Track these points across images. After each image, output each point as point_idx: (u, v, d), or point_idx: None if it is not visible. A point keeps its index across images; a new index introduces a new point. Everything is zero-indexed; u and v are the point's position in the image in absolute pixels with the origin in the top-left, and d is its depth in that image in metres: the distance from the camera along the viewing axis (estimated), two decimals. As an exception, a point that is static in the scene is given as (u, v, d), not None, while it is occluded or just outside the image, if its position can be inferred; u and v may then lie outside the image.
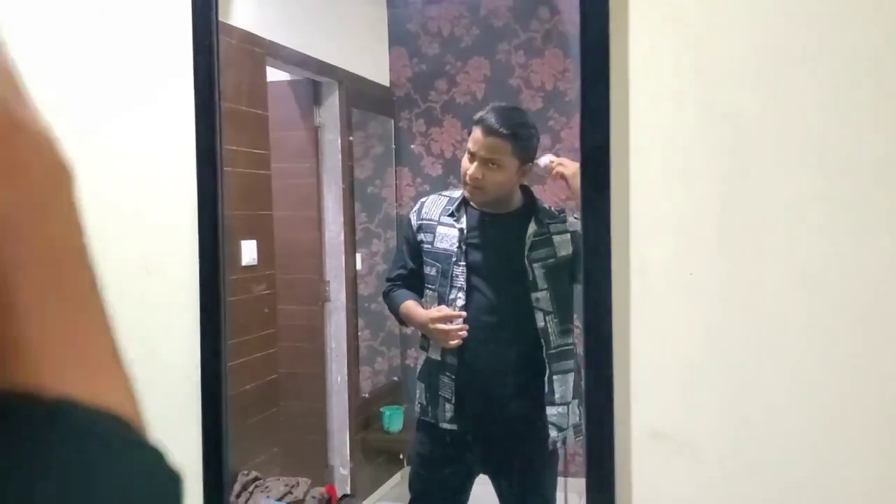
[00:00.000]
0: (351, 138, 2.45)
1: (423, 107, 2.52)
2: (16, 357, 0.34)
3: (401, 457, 2.43)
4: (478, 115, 1.79)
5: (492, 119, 1.74)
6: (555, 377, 1.68)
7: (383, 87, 2.55)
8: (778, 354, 1.11)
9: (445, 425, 1.77)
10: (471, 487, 1.81)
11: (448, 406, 1.76)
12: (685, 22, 1.13)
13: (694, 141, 1.13)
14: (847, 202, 1.09)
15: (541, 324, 1.70)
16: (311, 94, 2.44)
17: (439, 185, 2.40)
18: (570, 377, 1.71)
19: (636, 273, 1.14)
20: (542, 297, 1.70)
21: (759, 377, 1.11)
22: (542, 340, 1.70)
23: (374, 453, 2.46)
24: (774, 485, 1.12)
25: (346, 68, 2.39)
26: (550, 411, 1.70)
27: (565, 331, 1.71)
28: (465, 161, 1.77)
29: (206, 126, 1.21)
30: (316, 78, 2.39)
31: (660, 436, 1.12)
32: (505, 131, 1.72)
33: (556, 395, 1.69)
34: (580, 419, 1.64)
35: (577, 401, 1.70)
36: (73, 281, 0.36)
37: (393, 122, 2.57)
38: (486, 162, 1.72)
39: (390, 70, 2.56)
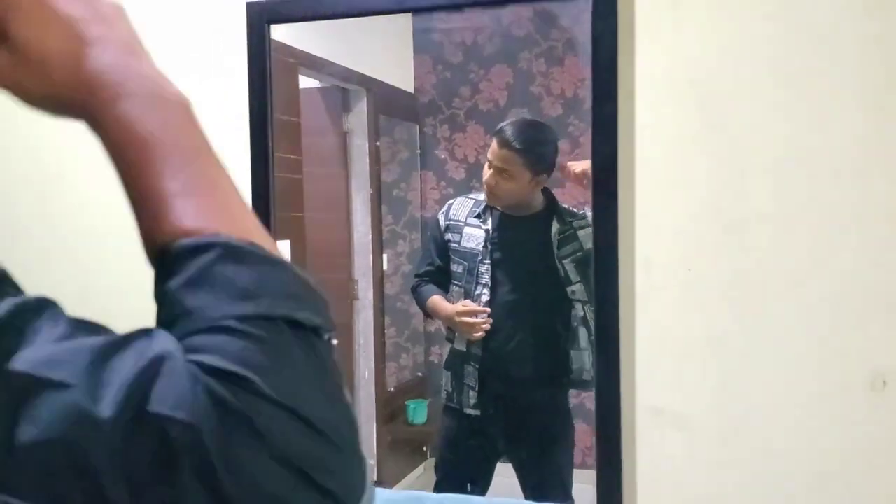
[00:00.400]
0: (378, 143, 2.55)
1: (448, 113, 2.62)
2: (167, 205, 0.45)
3: (424, 449, 2.55)
4: (499, 126, 1.95)
5: (508, 132, 1.90)
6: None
7: (408, 93, 2.65)
8: (765, 340, 1.25)
9: (469, 411, 1.93)
10: (493, 470, 1.96)
11: (472, 393, 1.92)
12: (686, 44, 1.27)
13: (693, 150, 1.27)
14: (828, 205, 1.23)
15: (580, 314, 1.84)
16: (339, 101, 2.55)
17: (462, 189, 2.49)
18: None
19: (641, 269, 1.28)
20: (577, 289, 1.83)
21: (748, 360, 1.25)
22: (585, 329, 1.84)
23: (400, 445, 2.58)
24: (761, 456, 1.26)
25: (374, 76, 2.49)
26: None
27: None
28: (486, 167, 1.94)
29: (259, 137, 1.38)
30: (345, 86, 2.50)
31: (660, 412, 1.27)
32: (517, 146, 1.88)
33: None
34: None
35: None
36: (205, 150, 0.48)
37: (418, 127, 2.67)
38: (499, 171, 1.89)
39: (415, 77, 2.65)
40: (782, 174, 1.24)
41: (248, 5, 1.38)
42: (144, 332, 0.42)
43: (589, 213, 1.86)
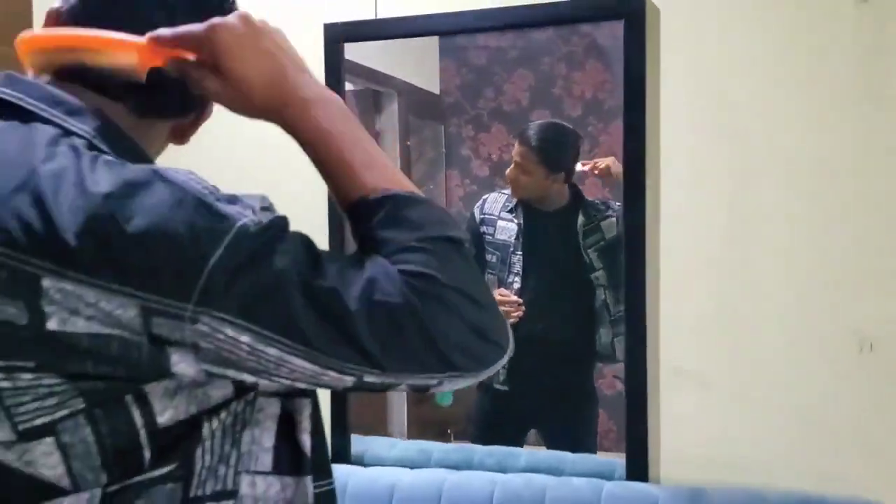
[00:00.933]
0: (409, 143, 2.70)
1: (472, 113, 2.73)
2: (352, 175, 0.67)
3: (448, 431, 2.74)
4: (524, 126, 2.23)
5: (529, 132, 2.17)
6: (615, 339, 2.06)
7: (434, 94, 2.77)
8: (769, 311, 1.51)
9: (499, 386, 2.17)
10: (524, 440, 2.21)
11: (502, 370, 2.17)
12: (704, 60, 1.52)
13: (708, 154, 1.52)
14: (826, 200, 1.48)
15: (602, 297, 2.09)
16: (372, 103, 2.70)
17: (486, 186, 2.57)
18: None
19: (664, 252, 1.54)
20: (600, 275, 2.06)
21: (755, 328, 1.51)
22: (606, 311, 2.08)
23: (426, 426, 2.73)
24: (765, 408, 1.52)
25: (403, 78, 2.64)
26: (618, 366, 2.08)
27: (620, 299, 2.00)
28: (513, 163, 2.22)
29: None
30: (377, 88, 2.65)
31: (680, 372, 1.54)
32: (532, 143, 2.15)
33: (617, 353, 2.02)
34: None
35: None
36: (363, 131, 0.71)
37: (443, 127, 2.79)
38: (518, 165, 2.16)
39: (440, 80, 2.76)
40: (786, 173, 1.49)
41: (326, 26, 1.65)
42: (364, 256, 0.65)
43: (611, 205, 2.13)
